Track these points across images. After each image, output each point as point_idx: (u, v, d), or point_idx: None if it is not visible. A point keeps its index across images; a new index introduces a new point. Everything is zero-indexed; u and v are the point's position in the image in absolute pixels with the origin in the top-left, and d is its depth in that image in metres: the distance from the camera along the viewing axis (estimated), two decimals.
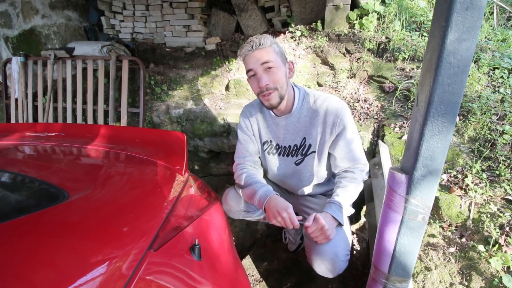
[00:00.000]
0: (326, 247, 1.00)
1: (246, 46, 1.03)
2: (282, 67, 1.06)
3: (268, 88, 1.04)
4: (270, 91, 1.04)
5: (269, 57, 1.02)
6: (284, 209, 0.99)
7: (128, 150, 1.14)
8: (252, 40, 1.03)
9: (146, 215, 0.71)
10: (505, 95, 1.67)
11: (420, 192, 0.66)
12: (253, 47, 1.02)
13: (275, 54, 1.04)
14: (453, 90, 0.56)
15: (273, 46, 1.04)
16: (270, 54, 1.02)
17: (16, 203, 0.69)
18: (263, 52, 1.02)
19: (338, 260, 0.99)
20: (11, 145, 1.12)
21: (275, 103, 1.07)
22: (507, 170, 1.27)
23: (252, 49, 1.02)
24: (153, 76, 2.66)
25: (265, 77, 1.03)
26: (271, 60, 1.02)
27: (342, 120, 1.06)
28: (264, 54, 1.02)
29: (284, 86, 1.06)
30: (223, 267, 0.78)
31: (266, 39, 1.03)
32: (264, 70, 1.03)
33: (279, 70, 1.04)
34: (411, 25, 2.36)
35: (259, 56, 1.02)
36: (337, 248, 1.00)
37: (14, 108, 2.83)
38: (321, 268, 1.02)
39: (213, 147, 2.31)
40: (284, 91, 1.07)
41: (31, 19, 2.83)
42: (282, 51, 1.08)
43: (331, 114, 1.07)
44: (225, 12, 2.81)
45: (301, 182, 1.21)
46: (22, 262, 0.48)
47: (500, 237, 1.06)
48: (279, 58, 1.05)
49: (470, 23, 0.52)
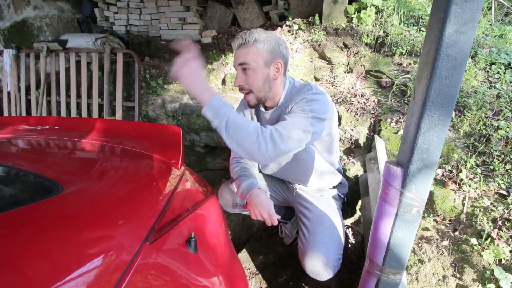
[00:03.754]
0: (318, 253, 1.01)
1: (233, 43, 1.02)
2: (262, 69, 0.99)
3: (243, 88, 1.03)
4: (246, 91, 1.03)
5: (247, 58, 0.98)
6: (266, 211, 1.03)
7: (124, 144, 1.13)
8: (238, 37, 0.99)
9: (141, 208, 0.70)
10: (501, 91, 1.68)
11: (415, 186, 0.66)
12: (236, 44, 1.00)
13: (257, 54, 0.98)
14: (451, 83, 0.56)
15: (258, 44, 0.97)
16: (249, 55, 0.98)
17: (10, 196, 0.68)
18: (243, 52, 0.99)
19: (330, 265, 1.01)
20: (4, 138, 1.10)
21: (252, 104, 1.07)
22: (501, 165, 1.29)
23: (236, 47, 1.00)
24: (148, 69, 2.63)
25: (240, 78, 1.02)
26: (248, 62, 0.98)
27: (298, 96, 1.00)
28: (243, 54, 0.99)
29: (261, 89, 1.03)
30: (219, 260, 0.79)
31: (252, 36, 0.97)
32: (241, 70, 1.01)
33: (255, 72, 0.99)
34: (409, 20, 2.35)
35: (239, 55, 1.00)
36: (329, 252, 1.01)
37: (6, 102, 2.78)
38: (313, 272, 1.04)
39: (209, 142, 2.30)
40: (263, 94, 1.04)
41: (22, 10, 2.76)
42: (272, 48, 0.99)
43: (298, 96, 1.00)
44: (221, 4, 2.77)
45: (294, 175, 1.20)
46: (17, 255, 0.47)
47: (493, 231, 1.07)
48: (261, 59, 0.98)
49: (469, 15, 0.52)
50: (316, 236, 1.04)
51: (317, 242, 1.03)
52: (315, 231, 1.06)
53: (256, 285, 1.38)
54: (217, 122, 0.83)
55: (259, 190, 1.07)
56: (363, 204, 1.47)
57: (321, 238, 1.04)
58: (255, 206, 1.04)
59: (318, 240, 1.04)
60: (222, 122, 0.82)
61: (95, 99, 2.51)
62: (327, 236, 1.05)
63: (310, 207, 1.16)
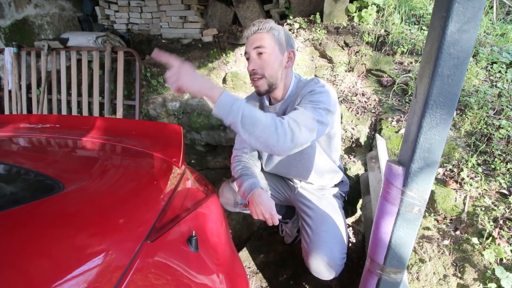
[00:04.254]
0: (322, 252, 1.01)
1: (247, 30, 1.04)
2: (277, 55, 1.03)
3: (256, 73, 1.03)
4: (258, 77, 1.03)
5: (263, 42, 1.01)
6: (267, 211, 1.02)
7: (125, 142, 1.13)
8: (253, 24, 1.03)
9: (142, 207, 0.70)
10: (502, 90, 1.68)
11: (417, 184, 0.66)
12: (253, 31, 1.03)
13: (272, 40, 1.02)
14: (453, 82, 0.56)
15: (273, 31, 1.02)
16: (266, 40, 1.01)
17: (11, 194, 0.68)
18: (259, 36, 1.02)
19: (335, 264, 1.01)
20: (5, 136, 1.10)
21: (262, 90, 1.06)
22: (503, 164, 1.28)
23: (251, 33, 1.03)
24: (149, 68, 2.62)
25: (254, 62, 1.02)
26: (264, 45, 1.01)
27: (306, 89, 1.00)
28: (259, 39, 1.01)
29: (274, 75, 1.04)
30: (220, 259, 0.79)
31: (267, 23, 1.02)
32: (256, 55, 1.02)
33: (271, 57, 1.01)
34: (410, 18, 2.34)
35: (254, 39, 1.02)
36: (333, 252, 1.01)
37: (7, 100, 2.78)
38: (318, 272, 1.04)
39: (210, 141, 2.30)
40: (275, 80, 1.05)
41: (23, 8, 2.76)
42: (285, 38, 1.05)
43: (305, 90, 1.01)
44: (222, 3, 2.77)
45: (297, 171, 1.20)
46: (18, 253, 0.47)
47: (494, 230, 1.07)
48: (276, 45, 1.03)
49: (471, 13, 0.51)
50: (320, 236, 1.04)
51: (321, 242, 1.03)
52: (319, 230, 1.06)
53: (256, 284, 1.38)
54: (231, 118, 0.79)
55: (261, 189, 1.07)
56: (364, 203, 1.46)
57: (325, 237, 1.04)
58: (257, 205, 1.04)
59: (322, 239, 1.04)
60: (237, 118, 0.78)
61: (96, 98, 2.51)
62: (331, 235, 1.05)
63: (312, 206, 1.16)
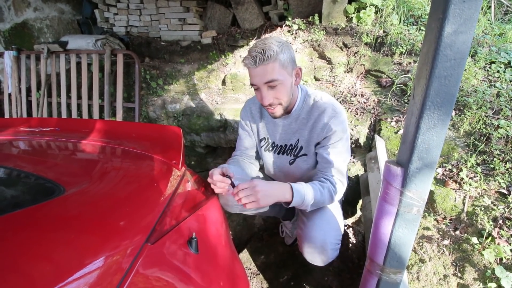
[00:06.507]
0: (316, 235, 1.01)
1: (249, 60, 0.93)
2: (288, 79, 0.98)
3: (272, 104, 1.01)
4: (274, 106, 1.02)
5: (274, 75, 0.93)
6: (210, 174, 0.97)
7: (124, 145, 1.13)
8: (256, 54, 0.91)
9: (143, 209, 0.70)
10: (501, 90, 1.68)
11: (415, 185, 0.66)
12: (257, 62, 0.92)
13: (281, 67, 0.94)
14: (450, 83, 0.56)
15: (279, 56, 0.92)
16: (275, 71, 0.93)
17: (12, 197, 0.68)
18: (267, 68, 0.92)
19: (328, 248, 1.01)
20: (5, 140, 1.11)
21: (278, 115, 1.05)
22: (502, 164, 1.29)
23: (256, 65, 0.92)
24: (148, 70, 2.63)
25: (268, 96, 0.97)
26: (275, 78, 0.94)
27: (331, 126, 1.03)
28: (268, 72, 0.93)
29: (288, 99, 1.02)
30: (221, 260, 0.79)
31: (271, 50, 0.91)
32: (268, 88, 0.96)
33: (283, 85, 0.97)
34: (408, 19, 2.35)
35: (262, 73, 0.93)
36: (327, 236, 1.02)
37: (7, 103, 2.78)
38: (311, 256, 1.04)
39: (210, 142, 2.30)
40: (288, 103, 1.04)
41: (23, 12, 2.77)
42: (290, 58, 0.97)
43: (322, 118, 1.04)
44: (221, 5, 2.78)
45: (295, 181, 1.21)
46: (19, 256, 0.47)
47: (493, 230, 1.07)
48: (285, 71, 0.96)
49: (467, 15, 0.52)
50: (314, 222, 1.05)
51: (315, 226, 1.04)
52: (314, 217, 1.07)
53: (257, 285, 1.38)
54: (304, 207, 0.98)
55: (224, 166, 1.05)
56: (364, 203, 1.47)
57: (319, 223, 1.04)
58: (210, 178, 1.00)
59: (316, 224, 1.04)
60: (307, 207, 0.98)
61: (96, 100, 2.51)
62: (325, 221, 1.05)
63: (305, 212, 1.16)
